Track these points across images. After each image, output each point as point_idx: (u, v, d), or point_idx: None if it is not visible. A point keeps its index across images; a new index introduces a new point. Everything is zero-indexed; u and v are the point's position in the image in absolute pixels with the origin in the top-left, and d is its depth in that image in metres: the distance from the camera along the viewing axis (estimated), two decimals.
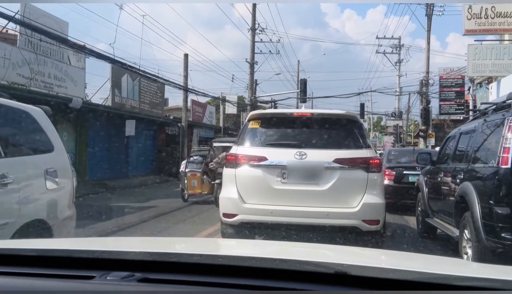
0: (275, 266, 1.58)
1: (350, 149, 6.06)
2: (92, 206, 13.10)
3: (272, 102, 33.52)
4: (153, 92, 26.96)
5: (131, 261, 1.68)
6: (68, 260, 1.72)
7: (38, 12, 16.80)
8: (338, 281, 1.47)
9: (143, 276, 1.53)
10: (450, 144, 7.79)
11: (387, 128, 55.24)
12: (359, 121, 6.54)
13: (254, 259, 1.74)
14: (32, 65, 16.33)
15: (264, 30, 33.54)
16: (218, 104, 40.32)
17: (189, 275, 1.56)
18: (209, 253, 1.87)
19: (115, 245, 2.31)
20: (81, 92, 20.04)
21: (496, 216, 4.99)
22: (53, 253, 1.82)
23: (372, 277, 1.48)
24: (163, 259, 1.70)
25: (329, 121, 6.38)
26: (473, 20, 18.87)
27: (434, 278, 1.52)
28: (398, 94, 42.59)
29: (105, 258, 1.72)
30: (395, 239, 8.16)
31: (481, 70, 18.49)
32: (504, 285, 1.49)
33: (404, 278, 1.47)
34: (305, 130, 6.39)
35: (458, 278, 1.57)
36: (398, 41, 44.24)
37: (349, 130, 6.26)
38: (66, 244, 2.12)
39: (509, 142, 5.05)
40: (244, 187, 6.08)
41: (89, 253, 1.81)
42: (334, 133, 6.32)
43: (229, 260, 1.72)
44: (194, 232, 8.98)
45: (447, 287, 1.44)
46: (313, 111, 7.10)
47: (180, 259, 1.70)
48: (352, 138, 6.20)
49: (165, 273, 1.59)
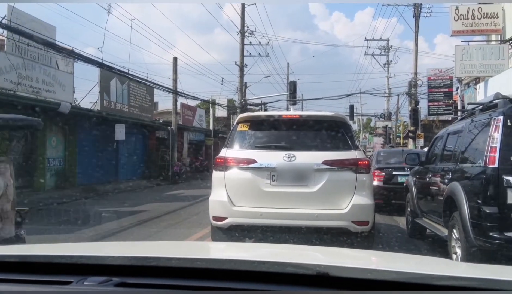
0: (253, 268, 1.59)
1: (338, 151, 6.07)
2: (80, 211, 13.05)
3: (262, 104, 33.58)
4: (143, 95, 26.87)
5: (112, 266, 1.67)
6: (48, 265, 1.72)
7: (26, 17, 16.70)
8: (321, 282, 1.47)
9: (121, 281, 1.52)
10: (438, 144, 7.83)
11: (377, 129, 55.41)
12: (347, 123, 6.56)
13: (232, 261, 1.74)
14: (19, 70, 16.22)
15: (253, 33, 33.67)
16: (208, 107, 40.30)
17: (168, 279, 1.56)
18: (187, 256, 1.87)
19: (95, 250, 2.30)
20: (69, 97, 19.94)
21: (484, 215, 5.02)
22: (32, 259, 1.82)
23: (351, 278, 1.49)
24: (141, 264, 1.70)
25: (317, 123, 6.39)
26: (460, 21, 19.02)
27: (413, 278, 1.52)
28: (387, 96, 42.82)
29: (84, 263, 1.71)
30: (385, 240, 8.18)
31: (468, 71, 18.62)
32: (482, 283, 1.50)
33: (381, 279, 1.48)
34: (294, 132, 6.40)
35: (436, 277, 1.57)
36: (387, 43, 44.53)
37: (337, 131, 6.28)
38: (46, 250, 2.11)
39: (496, 141, 5.09)
40: (234, 190, 6.08)
41: (67, 259, 1.81)
42: (322, 134, 6.34)
43: (207, 263, 1.72)
44: (184, 236, 8.94)
45: (427, 287, 1.44)
46: (302, 113, 7.12)
47: (159, 263, 1.69)
48: (341, 140, 6.22)
49: (143, 277, 1.58)
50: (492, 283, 1.50)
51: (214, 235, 6.40)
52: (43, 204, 13.92)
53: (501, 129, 5.09)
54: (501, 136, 5.07)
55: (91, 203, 15.41)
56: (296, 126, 6.43)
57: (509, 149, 5.05)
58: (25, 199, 14.44)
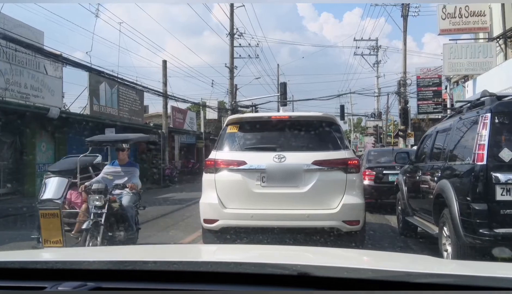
0: (229, 270, 1.58)
1: (328, 151, 6.09)
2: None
3: (252, 106, 33.59)
4: (132, 99, 26.78)
5: (88, 271, 1.66)
6: (23, 271, 1.70)
7: (13, 22, 16.60)
8: (305, 282, 1.47)
9: (96, 285, 1.51)
10: (427, 142, 7.87)
11: (368, 129, 55.64)
12: (336, 123, 6.58)
13: (209, 263, 1.75)
14: (7, 76, 16.11)
15: (243, 35, 33.62)
16: (198, 109, 40.24)
17: (144, 283, 1.54)
18: (164, 259, 1.85)
19: (71, 255, 2.28)
20: (58, 102, 19.82)
21: (474, 212, 5.04)
22: (7, 265, 1.79)
23: (329, 277, 1.48)
24: (118, 268, 1.68)
25: (307, 123, 6.40)
26: (448, 20, 19.11)
27: (390, 276, 1.52)
28: (377, 95, 42.97)
29: (60, 268, 1.69)
30: (376, 239, 8.20)
31: (457, 69, 18.71)
32: (458, 280, 1.49)
33: (357, 277, 1.47)
34: (283, 133, 6.40)
35: (413, 275, 1.56)
36: (376, 43, 44.76)
37: (327, 132, 6.29)
38: (21, 256, 2.09)
39: (484, 139, 5.12)
40: (224, 192, 6.08)
41: (42, 264, 1.79)
42: (312, 135, 6.34)
43: (184, 265, 1.70)
44: (177, 239, 8.90)
45: (408, 284, 1.44)
46: (291, 114, 7.13)
47: (135, 267, 1.68)
48: (330, 140, 6.23)
49: (120, 281, 1.57)
50: (468, 280, 1.49)
51: (206, 237, 6.39)
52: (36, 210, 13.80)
53: (489, 126, 5.13)
54: (489, 133, 5.10)
55: None
56: (285, 127, 6.43)
57: (497, 146, 5.09)
58: (15, 205, 14.34)
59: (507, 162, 5.00)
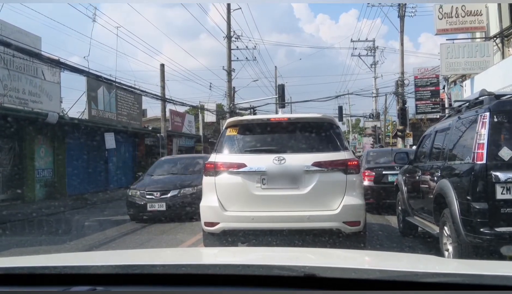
0: (237, 272, 1.58)
1: (328, 152, 6.09)
2: (72, 222, 12.95)
3: (251, 108, 33.58)
4: (131, 103, 26.79)
5: (97, 275, 1.66)
6: (32, 277, 1.70)
7: (11, 28, 16.60)
8: (311, 283, 1.47)
9: (105, 290, 1.51)
10: (426, 142, 7.87)
11: (366, 130, 55.67)
12: (335, 124, 6.58)
13: (217, 266, 1.74)
14: (5, 82, 16.11)
15: (240, 37, 33.60)
16: (197, 112, 40.24)
17: (153, 286, 1.55)
18: (172, 263, 1.86)
19: (80, 260, 2.29)
20: (57, 107, 19.83)
21: (474, 211, 5.05)
22: (16, 271, 1.79)
23: (337, 278, 1.49)
24: (126, 272, 1.68)
25: (306, 125, 6.41)
26: (445, 19, 19.13)
27: (397, 276, 1.52)
28: (375, 96, 43.04)
29: (68, 273, 1.70)
30: (377, 240, 8.20)
31: (454, 69, 18.72)
32: (466, 279, 1.50)
33: (365, 277, 1.48)
34: (282, 135, 6.41)
35: (420, 274, 1.57)
36: (373, 44, 44.84)
37: (326, 133, 6.29)
38: (30, 261, 2.09)
39: (483, 138, 5.13)
40: (225, 195, 6.07)
41: (51, 269, 1.79)
42: (311, 136, 6.35)
43: (192, 268, 1.71)
44: (177, 242, 8.90)
45: (413, 284, 1.44)
46: (290, 116, 7.13)
47: (143, 271, 1.68)
48: (330, 141, 6.23)
49: (128, 285, 1.57)
50: (475, 278, 1.50)
51: (206, 240, 6.39)
52: (36, 214, 13.84)
53: (487, 126, 5.14)
54: (488, 132, 5.11)
55: (83, 213, 15.29)
56: (284, 128, 6.43)
57: (496, 145, 5.10)
58: (15, 211, 14.33)
59: (507, 161, 5.02)
